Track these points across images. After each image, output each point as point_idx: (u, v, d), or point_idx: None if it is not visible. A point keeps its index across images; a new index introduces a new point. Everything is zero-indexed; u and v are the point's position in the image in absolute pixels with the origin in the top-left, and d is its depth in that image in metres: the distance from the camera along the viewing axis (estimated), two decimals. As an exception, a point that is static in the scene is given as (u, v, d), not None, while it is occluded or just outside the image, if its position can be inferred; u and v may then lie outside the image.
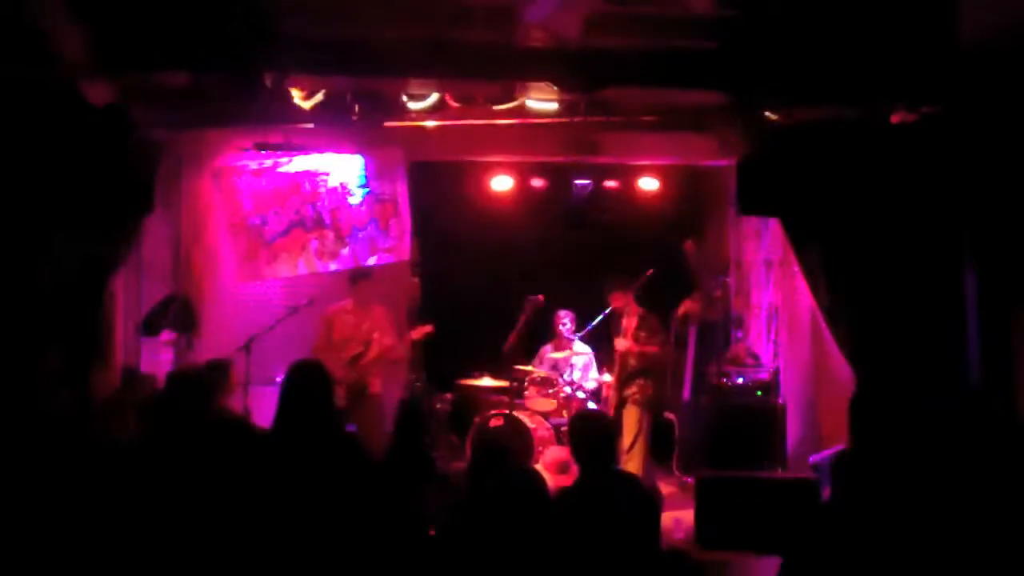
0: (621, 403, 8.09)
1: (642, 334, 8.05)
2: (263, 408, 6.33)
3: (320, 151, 8.45)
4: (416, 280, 9.48)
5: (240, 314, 8.41)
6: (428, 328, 8.36)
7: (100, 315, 7.17)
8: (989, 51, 5.96)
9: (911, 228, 6.62)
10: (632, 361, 8.07)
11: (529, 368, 9.11)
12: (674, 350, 9.67)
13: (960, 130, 6.34)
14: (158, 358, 8.19)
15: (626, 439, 7.82)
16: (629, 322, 8.15)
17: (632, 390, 8.07)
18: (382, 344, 8.05)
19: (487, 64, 6.50)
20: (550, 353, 9.33)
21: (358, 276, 8.19)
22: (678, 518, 6.62)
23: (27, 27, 5.80)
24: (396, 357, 8.34)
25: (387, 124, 7.89)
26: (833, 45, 6.26)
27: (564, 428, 8.17)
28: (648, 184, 9.34)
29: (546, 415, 8.88)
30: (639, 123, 8.08)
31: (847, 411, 6.63)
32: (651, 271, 8.41)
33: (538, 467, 7.24)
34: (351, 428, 7.77)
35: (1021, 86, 5.93)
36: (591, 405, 8.72)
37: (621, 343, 8.10)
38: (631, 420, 7.93)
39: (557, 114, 7.49)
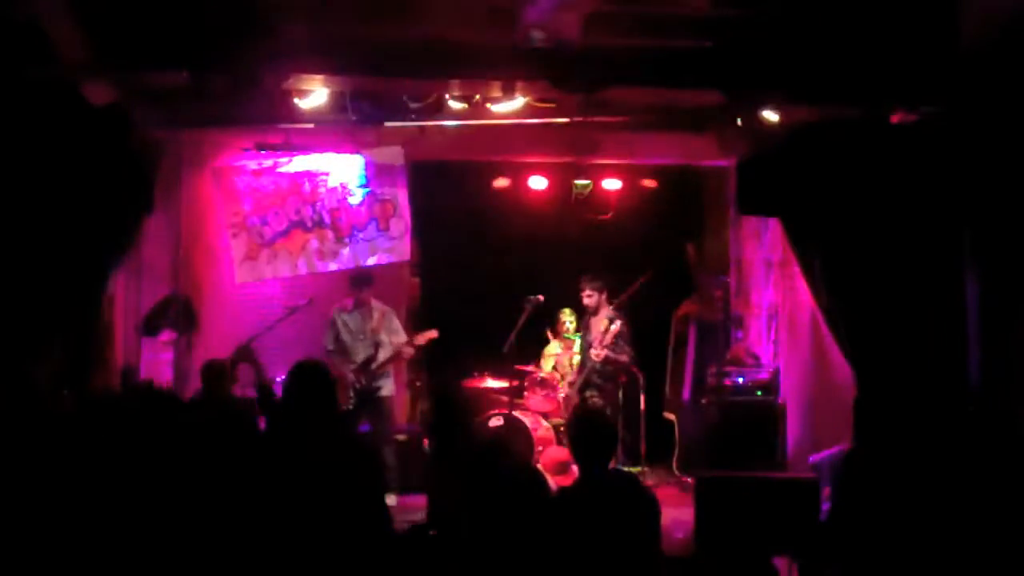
0: (580, 404, 7.99)
1: (612, 340, 7.99)
2: (263, 408, 6.36)
3: (320, 151, 8.44)
4: (416, 280, 9.48)
5: (240, 314, 8.41)
6: (432, 334, 8.28)
7: (100, 315, 7.18)
8: (989, 51, 5.96)
9: (911, 228, 6.62)
10: (597, 366, 8.01)
11: (529, 368, 9.11)
12: (674, 350, 9.69)
13: (960, 130, 6.34)
14: (158, 358, 8.19)
15: None
16: (598, 323, 8.09)
17: (592, 393, 8.02)
18: (395, 344, 7.98)
19: (487, 64, 6.50)
20: (551, 353, 9.33)
21: (360, 281, 8.07)
22: (678, 518, 6.61)
23: (27, 27, 5.80)
24: (408, 356, 8.28)
25: (387, 124, 7.89)
26: (833, 45, 6.26)
27: (564, 428, 8.16)
28: (648, 184, 9.34)
29: (546, 415, 8.87)
30: (639, 123, 8.08)
31: (851, 412, 6.64)
32: (646, 276, 8.39)
33: (538, 467, 7.26)
34: (365, 428, 7.77)
35: (1021, 86, 5.93)
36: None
37: (596, 353, 8.00)
38: None
39: (557, 114, 7.50)
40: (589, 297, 8.23)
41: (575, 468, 4.93)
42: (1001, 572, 4.43)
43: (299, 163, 8.50)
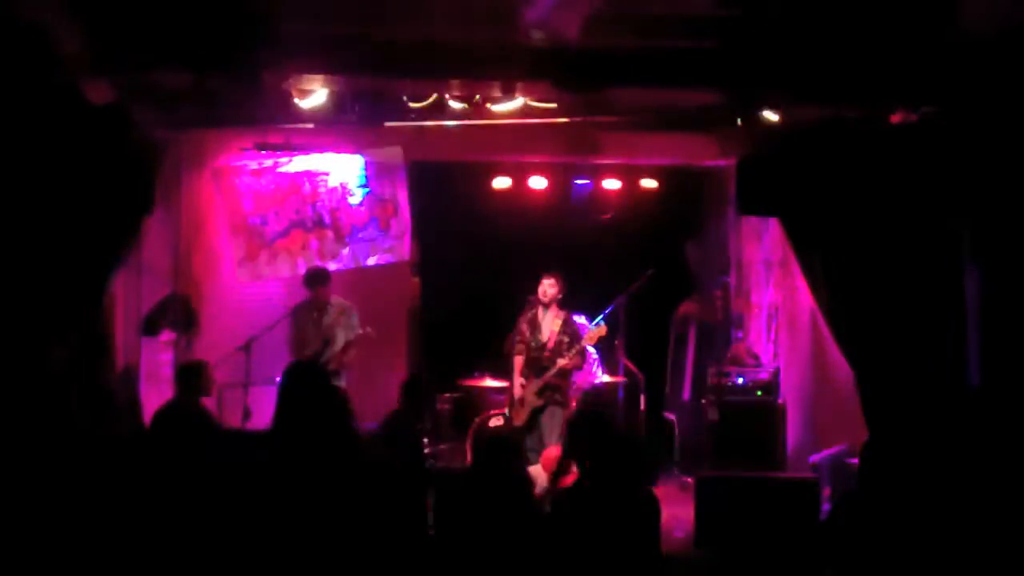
0: (543, 407, 7.87)
1: (565, 339, 7.93)
2: (263, 408, 6.34)
3: (320, 151, 8.45)
4: (416, 280, 9.48)
5: (240, 314, 8.40)
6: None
7: (102, 315, 7.17)
8: (989, 50, 5.96)
9: (911, 228, 6.62)
10: (553, 368, 7.90)
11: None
12: (674, 350, 9.69)
13: (960, 130, 6.34)
14: (158, 358, 8.19)
15: (553, 435, 7.68)
16: (552, 322, 7.97)
17: (553, 394, 7.94)
18: (346, 339, 7.88)
19: (487, 64, 6.50)
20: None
21: (314, 279, 8.03)
22: (678, 518, 6.62)
23: (27, 27, 5.80)
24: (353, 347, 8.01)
25: (387, 124, 7.90)
26: (833, 45, 6.26)
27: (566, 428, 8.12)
28: (648, 184, 9.35)
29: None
30: (639, 123, 8.08)
31: (850, 412, 6.63)
32: (651, 272, 8.38)
33: (537, 467, 7.25)
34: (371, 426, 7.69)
35: (1020, 86, 5.93)
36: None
37: (564, 361, 7.82)
38: (556, 420, 7.77)
39: (557, 114, 7.50)
40: (552, 288, 8.00)
41: (575, 468, 4.93)
42: (1002, 570, 4.44)
43: (299, 163, 8.50)
